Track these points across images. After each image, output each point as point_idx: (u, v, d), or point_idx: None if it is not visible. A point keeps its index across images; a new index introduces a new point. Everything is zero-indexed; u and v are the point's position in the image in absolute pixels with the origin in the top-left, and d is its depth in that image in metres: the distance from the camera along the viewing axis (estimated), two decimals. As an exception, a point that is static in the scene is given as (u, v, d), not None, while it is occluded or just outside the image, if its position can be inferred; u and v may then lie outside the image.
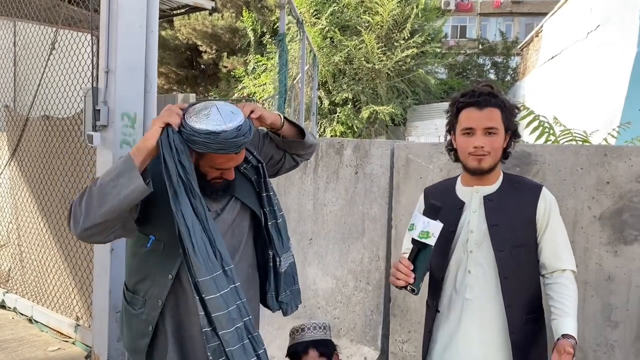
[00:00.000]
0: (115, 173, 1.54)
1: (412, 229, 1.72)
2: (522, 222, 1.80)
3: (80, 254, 3.99)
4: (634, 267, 2.31)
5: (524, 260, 1.79)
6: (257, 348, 1.65)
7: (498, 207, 1.81)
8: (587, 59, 10.54)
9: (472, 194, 1.87)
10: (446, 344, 1.85)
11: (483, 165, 1.78)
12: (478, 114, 1.77)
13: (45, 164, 4.38)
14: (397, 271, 1.71)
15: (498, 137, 1.78)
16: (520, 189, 1.84)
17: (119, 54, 3.30)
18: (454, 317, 1.84)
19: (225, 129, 1.55)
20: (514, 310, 1.76)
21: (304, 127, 1.95)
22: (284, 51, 5.64)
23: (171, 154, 1.54)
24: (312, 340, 2.31)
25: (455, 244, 1.85)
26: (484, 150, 1.76)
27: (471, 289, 1.80)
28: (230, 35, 20.08)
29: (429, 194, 2.00)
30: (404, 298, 3.00)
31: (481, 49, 24.01)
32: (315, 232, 3.52)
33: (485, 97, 1.77)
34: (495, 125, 1.77)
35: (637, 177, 2.30)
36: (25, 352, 3.85)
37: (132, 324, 1.81)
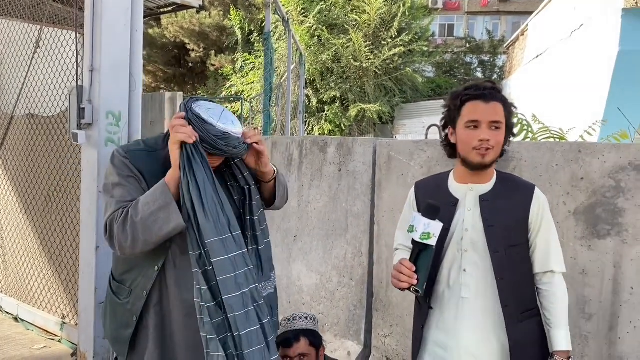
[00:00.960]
0: (156, 206, 1.61)
1: (412, 231, 1.69)
2: (516, 223, 1.80)
3: (65, 252, 4.00)
4: (606, 261, 2.37)
5: (519, 260, 1.80)
6: (261, 317, 1.65)
7: (494, 207, 1.80)
8: (571, 57, 10.67)
9: (466, 192, 1.85)
10: (442, 342, 1.84)
11: (486, 160, 1.75)
12: (484, 106, 1.75)
13: (30, 163, 4.37)
14: (399, 273, 1.69)
15: (501, 132, 1.77)
16: (514, 188, 1.84)
17: (104, 53, 3.32)
18: (450, 315, 1.82)
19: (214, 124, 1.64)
20: (511, 310, 1.76)
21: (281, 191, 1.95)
22: (270, 50, 5.67)
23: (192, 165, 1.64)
24: (303, 329, 2.35)
25: (449, 242, 1.83)
26: (489, 144, 1.74)
27: (467, 287, 1.80)
28: (218, 34, 20.04)
29: (421, 189, 1.98)
30: (386, 293, 3.06)
31: (468, 48, 24.15)
32: (299, 229, 3.56)
33: (490, 91, 1.77)
34: (500, 119, 1.76)
35: (609, 173, 2.36)
36: (11, 351, 3.85)
37: (116, 313, 1.83)
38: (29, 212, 4.41)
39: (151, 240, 1.62)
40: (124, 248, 1.64)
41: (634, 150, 2.33)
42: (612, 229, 2.36)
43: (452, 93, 1.87)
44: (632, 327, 2.32)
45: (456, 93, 1.84)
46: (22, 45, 4.50)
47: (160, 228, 1.60)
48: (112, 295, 1.86)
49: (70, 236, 3.92)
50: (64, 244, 4.02)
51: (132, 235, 1.61)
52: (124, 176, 1.73)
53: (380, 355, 3.05)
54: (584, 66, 9.82)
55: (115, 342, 1.85)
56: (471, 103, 1.77)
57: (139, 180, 1.73)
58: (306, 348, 2.31)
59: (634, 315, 2.32)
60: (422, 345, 1.90)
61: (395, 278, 1.71)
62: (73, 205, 3.88)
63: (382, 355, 3.04)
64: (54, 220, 4.14)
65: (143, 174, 1.73)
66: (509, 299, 1.76)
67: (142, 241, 1.62)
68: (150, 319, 1.77)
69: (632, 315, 2.32)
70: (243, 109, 15.57)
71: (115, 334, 1.84)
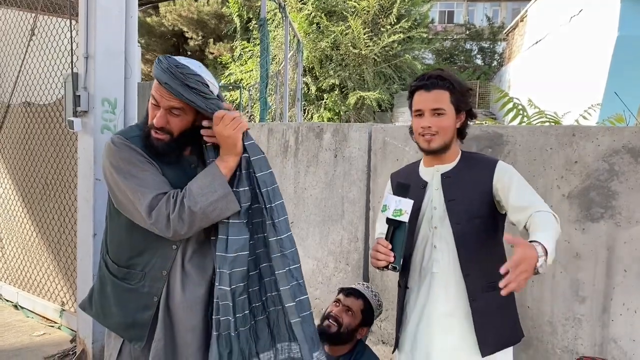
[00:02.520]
0: (215, 197, 1.66)
1: (385, 210, 1.78)
2: (479, 195, 1.86)
3: (64, 240, 4.02)
4: (599, 244, 2.38)
5: (482, 231, 1.86)
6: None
7: (455, 182, 1.89)
8: (570, 43, 10.62)
9: (433, 173, 1.95)
10: (418, 319, 1.91)
11: (432, 146, 1.86)
12: (426, 95, 1.85)
13: (27, 151, 4.38)
14: (376, 252, 1.77)
15: (445, 118, 1.85)
16: (477, 164, 1.92)
17: (98, 39, 3.31)
18: (424, 291, 1.91)
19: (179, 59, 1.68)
20: (472, 279, 1.83)
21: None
22: (265, 36, 5.65)
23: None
24: (369, 299, 2.37)
25: (420, 221, 1.93)
26: (431, 131, 1.84)
27: (437, 262, 1.88)
28: (216, 22, 19.95)
29: (395, 178, 2.08)
30: (381, 277, 3.07)
31: (468, 34, 24.04)
32: (296, 215, 3.57)
33: (433, 80, 1.85)
34: (441, 106, 1.84)
35: (603, 156, 2.36)
36: (11, 338, 3.88)
37: (128, 299, 1.77)
38: (27, 200, 4.42)
39: (207, 224, 1.69)
40: (179, 234, 1.68)
41: (628, 133, 2.33)
42: (605, 212, 2.37)
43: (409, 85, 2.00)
44: (625, 310, 2.34)
45: (409, 84, 1.97)
46: (17, 33, 4.48)
47: (218, 215, 1.67)
48: (117, 282, 1.80)
49: (69, 224, 3.94)
50: (62, 231, 4.03)
51: (189, 222, 1.65)
52: (141, 161, 1.71)
53: (376, 339, 3.08)
54: (583, 51, 9.78)
55: (131, 327, 1.78)
56: (417, 93, 1.89)
57: (153, 164, 1.73)
58: (358, 310, 2.32)
59: (627, 297, 2.33)
60: (402, 324, 1.98)
61: (374, 257, 1.79)
62: (70, 193, 3.89)
63: (378, 339, 3.07)
64: (51, 208, 4.15)
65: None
66: (470, 269, 1.83)
67: (198, 227, 1.68)
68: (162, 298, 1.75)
69: (625, 298, 2.33)
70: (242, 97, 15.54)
71: (131, 319, 1.77)
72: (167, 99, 1.67)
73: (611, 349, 2.36)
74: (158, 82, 1.67)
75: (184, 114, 1.71)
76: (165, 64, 1.64)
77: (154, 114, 1.71)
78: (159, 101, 1.69)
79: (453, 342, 1.85)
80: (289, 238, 1.75)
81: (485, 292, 1.83)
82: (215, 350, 1.67)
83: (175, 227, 1.65)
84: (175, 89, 1.64)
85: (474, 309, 1.83)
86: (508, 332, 1.91)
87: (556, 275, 2.46)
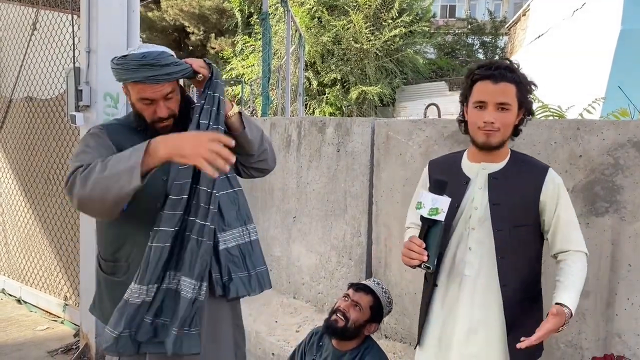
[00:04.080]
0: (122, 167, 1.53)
1: (420, 207, 1.67)
2: (525, 203, 1.76)
3: (66, 235, 4.02)
4: (604, 239, 2.37)
5: (523, 240, 1.77)
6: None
7: (502, 185, 1.77)
8: (573, 37, 10.58)
9: (478, 171, 1.82)
10: (443, 321, 1.84)
11: (491, 141, 1.74)
12: (492, 87, 1.71)
13: (29, 146, 4.37)
14: (409, 251, 1.67)
15: (510, 114, 1.73)
16: (526, 169, 1.80)
17: (100, 34, 3.30)
18: (452, 293, 1.82)
19: (130, 53, 1.68)
20: (509, 290, 1.74)
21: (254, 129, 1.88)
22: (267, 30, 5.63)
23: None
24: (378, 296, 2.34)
25: (457, 220, 1.82)
26: (494, 126, 1.71)
27: (471, 265, 1.79)
28: (217, 16, 19.89)
29: (434, 167, 1.96)
30: (384, 272, 3.07)
31: (470, 29, 23.93)
32: (299, 210, 3.56)
33: (501, 71, 1.72)
34: (508, 100, 1.71)
35: (608, 150, 2.35)
36: (15, 332, 3.89)
37: (116, 292, 1.78)
38: (29, 195, 4.42)
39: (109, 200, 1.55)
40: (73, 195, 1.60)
41: (633, 126, 2.32)
42: (610, 206, 2.35)
43: (467, 70, 1.85)
44: (629, 304, 2.33)
45: (469, 71, 1.82)
46: (19, 28, 4.47)
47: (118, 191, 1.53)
48: (106, 276, 1.83)
49: (71, 219, 3.93)
50: (64, 226, 4.03)
51: (92, 188, 1.56)
52: (95, 145, 1.73)
53: (379, 334, 3.07)
54: (586, 45, 9.74)
55: None
56: (480, 83, 1.74)
57: (111, 151, 1.69)
58: (367, 306, 2.29)
59: (631, 292, 2.32)
60: (426, 322, 1.91)
61: (406, 256, 1.69)
62: (73, 188, 3.89)
63: (381, 334, 3.07)
64: (54, 203, 4.15)
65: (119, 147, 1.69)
66: (508, 279, 1.74)
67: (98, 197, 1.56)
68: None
69: (630, 292, 2.32)
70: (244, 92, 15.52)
71: None
72: (159, 90, 1.70)
73: (615, 344, 2.36)
74: (140, 82, 1.68)
75: (175, 91, 1.76)
76: (135, 63, 1.66)
77: (150, 110, 1.74)
78: (152, 97, 1.71)
79: (476, 350, 1.78)
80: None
81: (519, 303, 1.76)
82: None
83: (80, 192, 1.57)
84: (161, 75, 1.67)
85: (509, 321, 1.75)
86: (538, 348, 1.81)
87: (560, 270, 2.45)
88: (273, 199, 3.71)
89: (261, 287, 1.90)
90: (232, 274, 1.82)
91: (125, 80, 1.71)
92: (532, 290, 1.82)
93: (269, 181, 3.72)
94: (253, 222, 1.92)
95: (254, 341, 3.24)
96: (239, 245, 1.84)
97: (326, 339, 2.37)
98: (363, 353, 2.28)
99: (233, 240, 1.83)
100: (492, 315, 1.78)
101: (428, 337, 1.89)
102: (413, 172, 2.93)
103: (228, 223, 1.82)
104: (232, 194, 1.85)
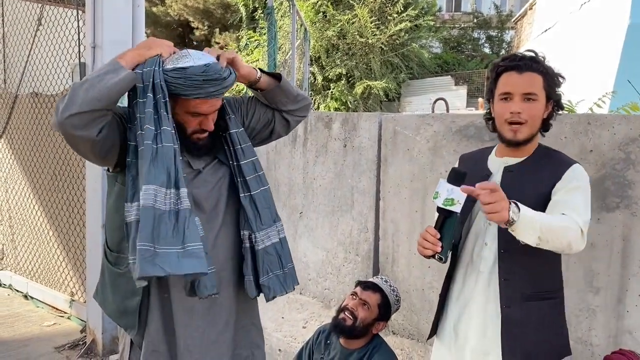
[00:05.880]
0: (103, 71, 1.51)
1: (436, 197, 1.63)
2: (536, 198, 1.66)
3: (72, 231, 4.02)
4: (615, 234, 2.34)
5: None
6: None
7: (515, 179, 1.71)
8: (580, 31, 10.50)
9: (500, 165, 1.77)
10: (459, 314, 1.82)
11: (518, 137, 1.67)
12: (517, 77, 1.66)
13: (36, 142, 4.37)
14: (424, 240, 1.65)
15: (537, 105, 1.66)
16: (548, 164, 1.71)
17: (106, 29, 3.29)
18: (468, 287, 1.79)
19: (192, 64, 1.56)
20: (511, 285, 1.69)
21: (282, 75, 1.86)
22: (273, 24, 5.61)
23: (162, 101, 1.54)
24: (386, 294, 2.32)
25: (476, 214, 1.77)
26: (521, 117, 1.65)
27: (485, 261, 1.74)
28: (222, 11, 19.86)
29: (462, 160, 1.93)
30: (392, 268, 3.05)
31: (476, 23, 23.79)
32: (305, 206, 3.55)
33: (526, 62, 1.67)
34: (534, 91, 1.65)
35: (619, 145, 2.32)
36: (22, 327, 3.90)
37: (119, 284, 1.76)
38: (36, 191, 4.42)
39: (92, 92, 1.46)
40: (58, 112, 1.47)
41: (645, 121, 2.29)
42: (621, 201, 2.33)
43: (492, 64, 1.80)
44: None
45: (493, 64, 1.77)
46: (25, 24, 4.47)
47: (106, 82, 1.47)
48: (111, 268, 1.80)
49: (77, 214, 3.93)
50: (71, 222, 4.03)
51: (70, 96, 1.46)
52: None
53: (387, 330, 3.06)
54: (593, 39, 9.66)
55: (123, 315, 1.78)
56: (506, 74, 1.70)
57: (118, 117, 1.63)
58: (375, 304, 2.27)
59: (642, 288, 2.30)
60: (442, 315, 1.89)
61: (420, 245, 1.67)
62: (79, 184, 3.89)
63: (389, 331, 3.05)
64: (60, 198, 4.15)
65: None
66: (510, 273, 1.69)
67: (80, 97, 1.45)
68: (153, 285, 1.71)
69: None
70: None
71: (122, 306, 1.77)
72: (215, 104, 1.66)
73: (626, 340, 2.33)
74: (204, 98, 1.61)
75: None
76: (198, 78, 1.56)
77: (196, 122, 1.67)
78: (207, 112, 1.66)
79: (486, 346, 1.74)
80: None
81: (526, 302, 1.70)
82: None
83: (58, 106, 1.49)
84: (222, 89, 1.62)
85: (505, 317, 1.70)
86: (545, 350, 1.72)
87: (570, 266, 2.42)
88: (279, 195, 3.69)
89: (293, 284, 1.87)
90: (269, 272, 1.78)
91: (185, 96, 1.59)
92: (543, 289, 1.73)
93: (274, 177, 3.71)
94: (280, 219, 1.89)
95: (260, 337, 3.23)
96: (274, 244, 1.81)
97: (334, 337, 2.36)
98: (371, 351, 2.27)
99: (268, 239, 1.79)
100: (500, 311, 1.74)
101: (444, 329, 1.87)
102: (421, 168, 2.91)
103: (264, 221, 1.78)
104: (265, 191, 1.81)
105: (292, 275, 1.86)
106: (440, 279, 1.90)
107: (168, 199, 1.52)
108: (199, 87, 1.57)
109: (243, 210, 1.75)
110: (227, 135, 1.76)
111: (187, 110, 1.64)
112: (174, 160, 1.54)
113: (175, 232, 1.52)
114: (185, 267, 1.51)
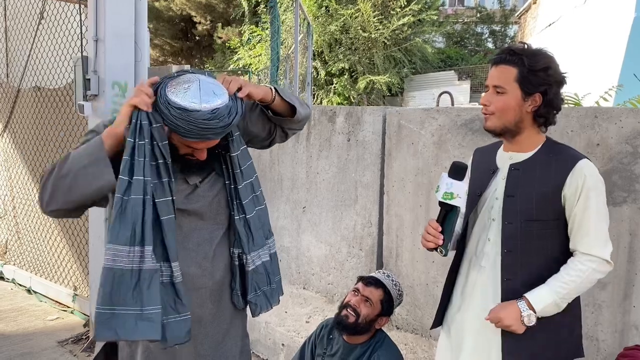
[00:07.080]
0: (87, 160, 1.48)
1: (437, 191, 1.64)
2: (542, 197, 1.64)
3: (76, 225, 4.01)
4: (622, 229, 2.32)
5: (538, 235, 1.66)
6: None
7: (521, 176, 1.69)
8: (585, 24, 10.43)
9: (506, 160, 1.75)
10: (458, 307, 1.82)
11: (487, 124, 1.69)
12: (493, 70, 1.68)
13: (38, 136, 4.36)
14: (426, 233, 1.69)
15: (505, 97, 1.64)
16: (555, 160, 1.67)
17: (108, 22, 3.26)
18: (470, 282, 1.79)
19: (199, 109, 1.45)
20: (513, 285, 1.66)
21: (296, 101, 1.81)
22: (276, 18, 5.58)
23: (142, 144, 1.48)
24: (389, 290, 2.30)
25: (481, 209, 1.76)
26: (487, 109, 1.67)
27: (487, 257, 1.73)
28: (224, 6, 19.78)
29: (475, 155, 1.92)
30: (395, 263, 3.03)
31: (479, 18, 23.68)
32: (308, 200, 3.53)
33: (502, 55, 1.67)
34: (501, 84, 1.64)
35: (627, 138, 2.30)
36: (25, 322, 3.90)
37: None
38: (39, 186, 4.41)
39: (74, 194, 1.49)
40: (43, 202, 1.52)
41: (653, 114, 2.26)
42: (628, 196, 2.30)
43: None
44: (646, 296, 2.29)
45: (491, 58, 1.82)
46: (27, 17, 4.45)
47: (89, 183, 1.48)
48: None
49: (80, 209, 3.92)
50: (73, 216, 4.02)
51: (52, 188, 1.49)
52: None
53: (390, 325, 3.05)
54: (598, 33, 9.60)
55: None
56: (491, 67, 1.72)
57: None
58: (377, 300, 2.26)
59: (649, 283, 2.28)
60: (446, 309, 1.89)
61: (423, 238, 1.70)
62: (81, 178, 3.87)
63: (392, 325, 3.04)
64: (63, 193, 4.14)
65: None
66: (512, 273, 1.66)
67: (63, 195, 1.49)
68: None
69: (647, 284, 2.28)
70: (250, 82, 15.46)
71: None
72: (212, 143, 1.59)
73: (632, 336, 2.31)
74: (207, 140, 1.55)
75: None
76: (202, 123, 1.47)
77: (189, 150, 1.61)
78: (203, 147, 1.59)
79: (484, 343, 1.73)
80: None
81: None
82: None
83: (43, 192, 1.52)
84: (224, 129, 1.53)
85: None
86: (553, 351, 1.69)
87: (576, 261, 2.41)
88: (282, 189, 3.67)
89: (279, 296, 1.86)
90: (257, 290, 1.77)
91: (182, 136, 1.50)
92: None
93: (278, 171, 3.69)
94: (273, 234, 1.86)
95: (264, 332, 3.22)
96: (264, 262, 1.79)
97: (336, 332, 2.34)
98: (374, 347, 2.25)
99: (258, 259, 1.76)
100: None
101: (447, 321, 1.89)
102: (425, 162, 2.89)
103: (257, 243, 1.75)
104: (260, 210, 1.78)
105: (279, 289, 1.86)
106: (445, 273, 1.89)
107: (130, 258, 1.48)
108: (199, 134, 1.49)
109: (236, 230, 1.71)
110: (227, 157, 1.70)
111: (181, 141, 1.56)
112: (142, 214, 1.49)
113: (136, 292, 1.48)
114: (139, 333, 1.48)
